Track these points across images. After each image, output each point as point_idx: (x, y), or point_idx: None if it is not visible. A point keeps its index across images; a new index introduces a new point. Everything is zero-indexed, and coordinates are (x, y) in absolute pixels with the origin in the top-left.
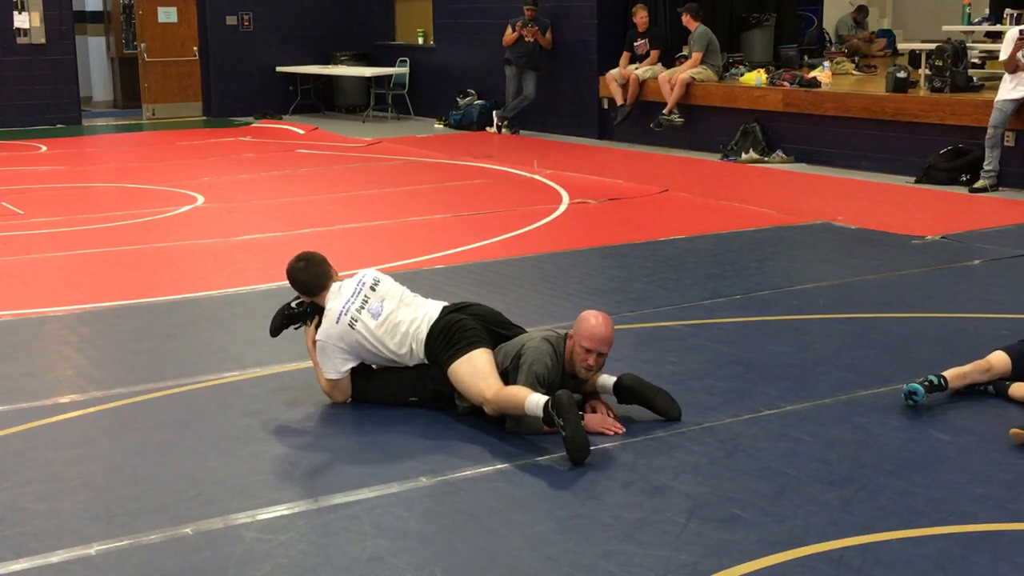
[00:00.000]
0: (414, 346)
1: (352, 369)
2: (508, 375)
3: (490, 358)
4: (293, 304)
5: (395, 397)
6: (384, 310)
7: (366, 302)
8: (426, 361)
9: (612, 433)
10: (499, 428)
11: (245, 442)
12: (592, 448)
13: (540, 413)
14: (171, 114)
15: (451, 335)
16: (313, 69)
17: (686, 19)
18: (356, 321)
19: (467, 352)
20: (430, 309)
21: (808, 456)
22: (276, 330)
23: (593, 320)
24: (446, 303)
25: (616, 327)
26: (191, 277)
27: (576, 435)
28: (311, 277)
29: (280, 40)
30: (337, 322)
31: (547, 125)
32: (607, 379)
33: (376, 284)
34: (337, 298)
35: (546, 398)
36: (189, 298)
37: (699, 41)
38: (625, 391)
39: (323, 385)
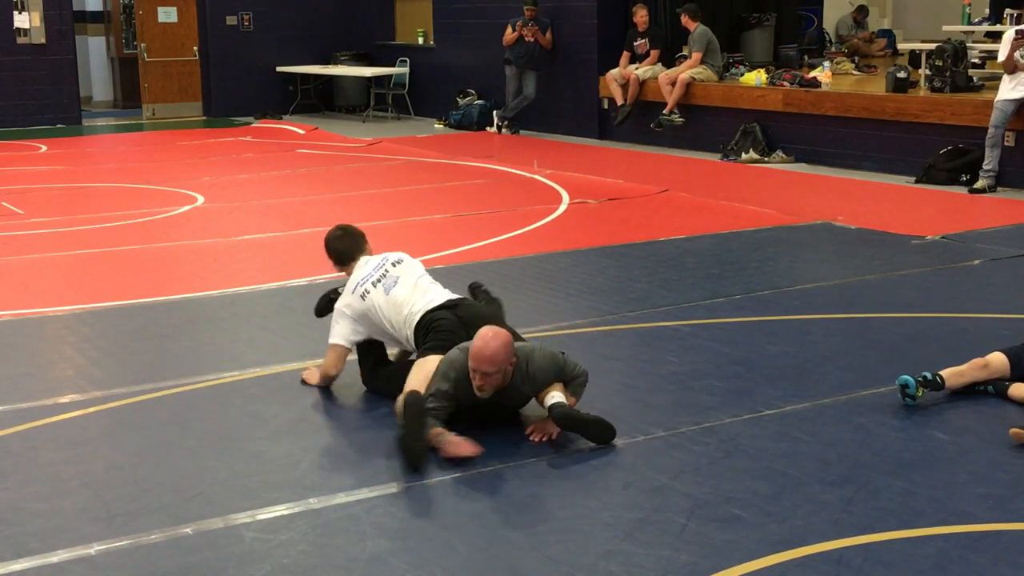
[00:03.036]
0: (408, 333)
1: (368, 356)
2: None
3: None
4: (340, 289)
5: (399, 392)
6: (396, 288)
7: (384, 277)
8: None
9: (469, 456)
10: (499, 429)
11: (245, 442)
12: (593, 447)
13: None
14: (171, 114)
15: (428, 333)
16: (313, 69)
17: (685, 19)
18: (368, 293)
19: (427, 355)
20: (433, 300)
21: (808, 456)
22: (320, 312)
23: (479, 341)
24: (453, 296)
25: (616, 327)
26: (191, 277)
27: (406, 441)
28: (344, 246)
29: (280, 40)
30: (353, 291)
31: (547, 125)
32: (551, 400)
33: (398, 263)
34: (361, 270)
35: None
36: (189, 298)
37: (699, 41)
38: (558, 422)
39: (325, 360)
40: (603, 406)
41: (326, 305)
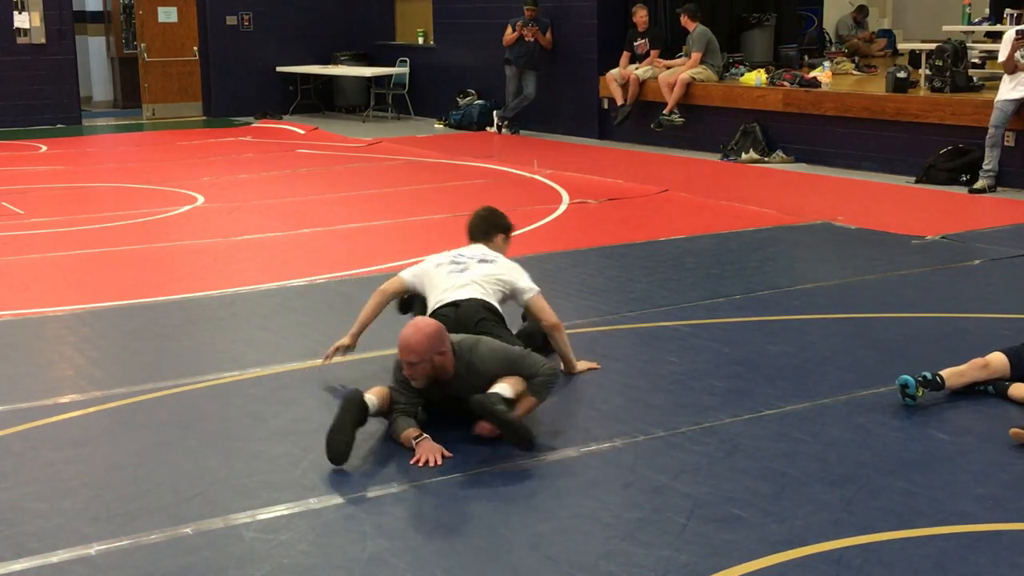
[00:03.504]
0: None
1: None
2: None
3: None
4: (406, 296)
5: None
6: (449, 275)
7: (459, 263)
8: None
9: (432, 464)
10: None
11: (245, 442)
12: (593, 447)
13: None
14: (171, 114)
15: None
16: (313, 69)
17: (684, 20)
18: (441, 265)
19: None
20: (452, 296)
21: (808, 456)
22: (403, 309)
23: (405, 330)
24: (468, 296)
25: (616, 327)
26: (191, 277)
27: (330, 434)
28: (470, 225)
29: (280, 40)
30: (443, 254)
31: (547, 125)
32: (492, 389)
33: (481, 261)
34: (463, 249)
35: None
36: (189, 298)
37: (698, 41)
38: (473, 407)
39: None
40: (603, 406)
41: (398, 309)
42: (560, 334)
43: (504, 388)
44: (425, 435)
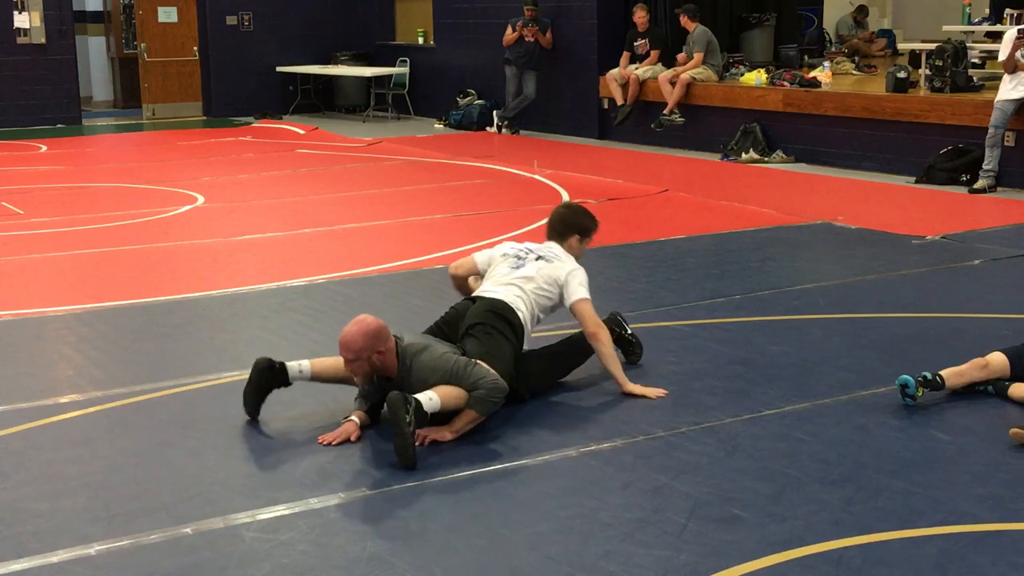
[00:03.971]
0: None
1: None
2: None
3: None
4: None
5: None
6: (505, 270)
7: (521, 257)
8: None
9: (352, 439)
10: (497, 428)
11: (245, 442)
12: (593, 447)
13: None
14: (171, 114)
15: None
16: (313, 69)
17: (684, 20)
18: (505, 256)
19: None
20: (482, 292)
21: (808, 456)
22: None
23: (348, 325)
24: (493, 296)
25: None
26: (191, 277)
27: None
28: (549, 221)
29: (280, 40)
30: (511, 245)
31: (547, 125)
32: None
33: (539, 258)
34: (535, 244)
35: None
36: (189, 298)
37: (699, 41)
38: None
39: None
40: (603, 406)
41: None
42: (600, 345)
43: (430, 396)
44: (352, 417)
